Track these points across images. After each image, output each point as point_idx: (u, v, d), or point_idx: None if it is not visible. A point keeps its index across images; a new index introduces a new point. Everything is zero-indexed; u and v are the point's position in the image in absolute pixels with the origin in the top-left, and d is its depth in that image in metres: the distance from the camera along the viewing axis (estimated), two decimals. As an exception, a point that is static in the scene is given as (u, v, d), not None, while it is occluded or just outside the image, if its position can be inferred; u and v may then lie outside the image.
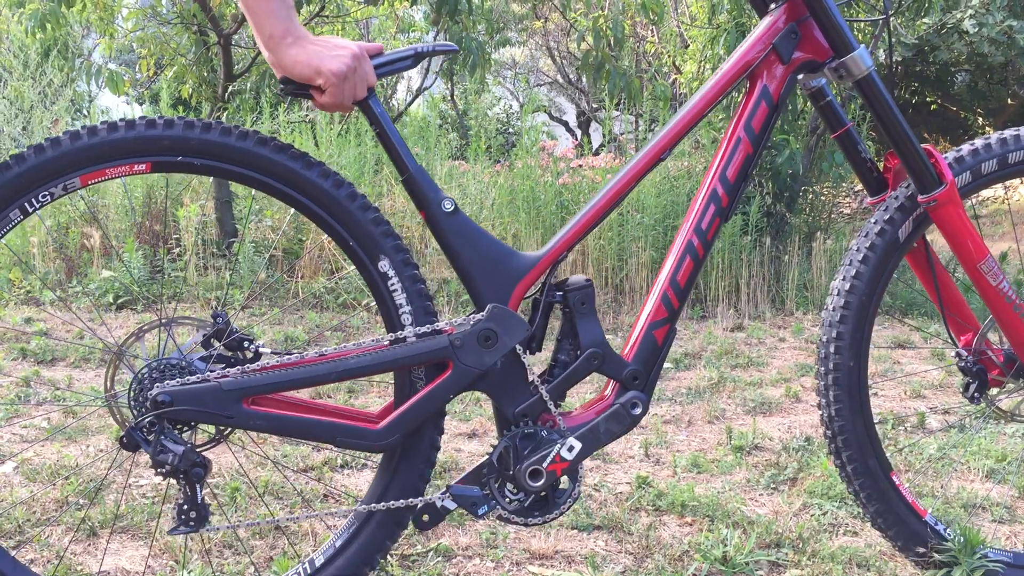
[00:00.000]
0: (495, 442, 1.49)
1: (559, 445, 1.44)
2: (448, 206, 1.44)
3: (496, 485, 1.45)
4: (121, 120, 1.34)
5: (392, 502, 1.44)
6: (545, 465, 1.43)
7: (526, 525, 1.46)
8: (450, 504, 1.45)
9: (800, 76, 1.54)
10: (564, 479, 1.46)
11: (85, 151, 1.32)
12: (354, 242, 1.41)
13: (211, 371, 1.36)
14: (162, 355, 1.37)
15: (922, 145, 1.55)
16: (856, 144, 1.60)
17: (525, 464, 1.43)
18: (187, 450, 1.33)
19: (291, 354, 1.39)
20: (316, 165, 1.40)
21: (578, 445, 1.45)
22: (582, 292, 1.48)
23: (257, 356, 1.40)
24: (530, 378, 1.45)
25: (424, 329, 1.42)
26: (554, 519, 1.47)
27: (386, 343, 1.42)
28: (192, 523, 1.36)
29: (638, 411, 1.48)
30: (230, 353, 1.40)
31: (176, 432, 1.35)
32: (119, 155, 1.33)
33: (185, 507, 1.36)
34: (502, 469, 1.45)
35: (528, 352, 1.46)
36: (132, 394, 1.35)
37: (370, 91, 1.39)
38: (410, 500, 1.44)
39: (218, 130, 1.36)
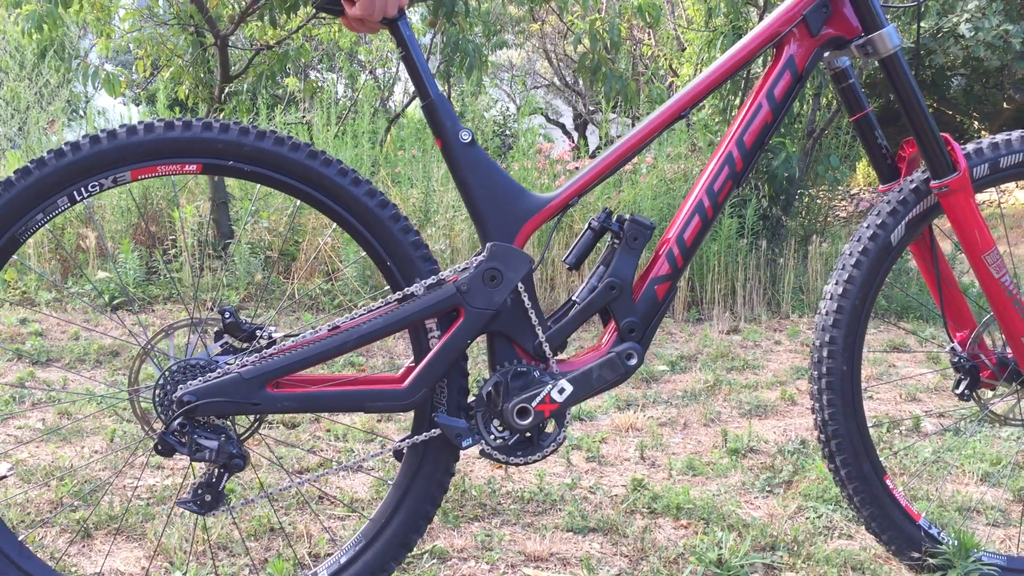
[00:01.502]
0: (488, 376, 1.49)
1: (550, 386, 1.44)
2: (465, 137, 1.45)
3: (483, 420, 1.45)
4: (178, 120, 1.36)
5: (436, 430, 1.44)
6: (534, 404, 1.43)
7: (507, 463, 1.47)
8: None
9: (826, 53, 1.55)
10: (550, 422, 1.46)
11: (140, 146, 1.34)
12: (391, 263, 1.43)
13: (228, 363, 1.37)
14: (187, 356, 1.38)
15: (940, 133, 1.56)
16: (874, 129, 1.61)
17: (514, 401, 1.43)
18: (222, 444, 1.34)
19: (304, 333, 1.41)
20: (363, 183, 1.41)
21: (569, 388, 1.45)
22: (638, 229, 1.49)
23: (272, 342, 1.41)
24: (532, 318, 1.45)
25: (430, 280, 1.43)
26: (535, 461, 1.47)
27: (395, 303, 1.43)
28: (200, 505, 1.37)
29: (633, 362, 1.48)
30: (245, 344, 1.41)
31: (211, 428, 1.36)
32: (173, 154, 1.36)
33: (203, 488, 1.37)
34: (490, 405, 1.45)
35: (571, 269, 1.49)
36: (157, 399, 1.36)
37: (401, 12, 1.41)
38: (456, 421, 1.45)
39: (271, 139, 1.38)
